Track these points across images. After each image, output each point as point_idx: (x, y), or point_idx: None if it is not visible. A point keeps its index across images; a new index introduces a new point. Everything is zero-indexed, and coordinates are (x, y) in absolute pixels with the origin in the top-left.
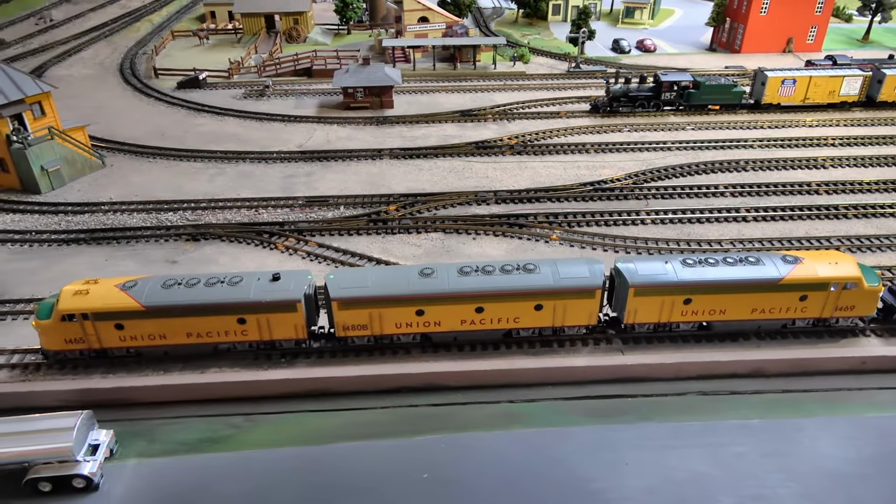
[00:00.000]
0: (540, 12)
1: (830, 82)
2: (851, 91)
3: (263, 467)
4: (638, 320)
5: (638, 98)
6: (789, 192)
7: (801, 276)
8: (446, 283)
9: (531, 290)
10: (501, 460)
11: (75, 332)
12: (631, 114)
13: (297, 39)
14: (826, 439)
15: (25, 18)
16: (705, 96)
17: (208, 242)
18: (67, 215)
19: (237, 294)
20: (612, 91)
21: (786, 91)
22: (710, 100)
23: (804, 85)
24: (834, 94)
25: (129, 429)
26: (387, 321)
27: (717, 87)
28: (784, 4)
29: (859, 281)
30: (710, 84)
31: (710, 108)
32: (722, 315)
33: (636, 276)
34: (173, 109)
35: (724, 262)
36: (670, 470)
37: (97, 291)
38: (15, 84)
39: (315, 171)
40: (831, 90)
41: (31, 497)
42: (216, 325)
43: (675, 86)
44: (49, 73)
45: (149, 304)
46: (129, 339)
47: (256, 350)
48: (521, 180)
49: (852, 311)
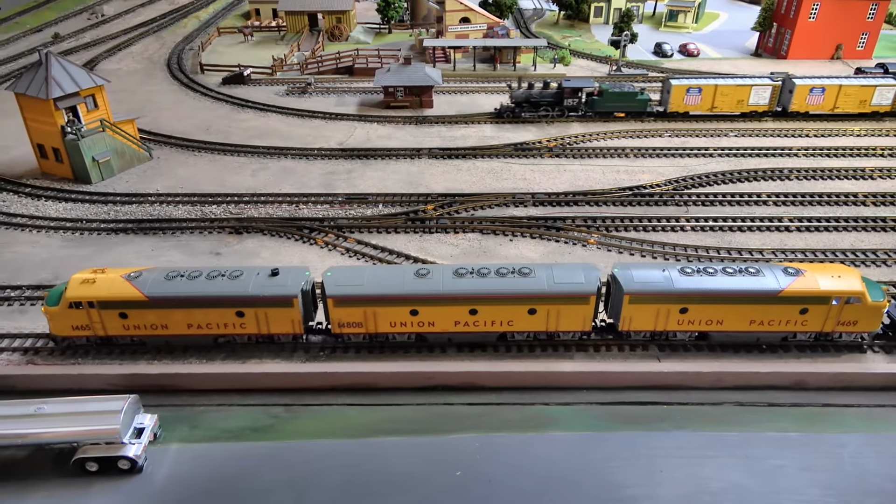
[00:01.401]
0: (581, 14)
1: (738, 91)
2: (760, 101)
3: (303, 458)
4: (633, 328)
5: (540, 103)
6: (834, 202)
7: (801, 288)
8: (440, 285)
9: (525, 294)
10: (534, 462)
11: (82, 319)
12: (538, 120)
13: (339, 38)
14: (869, 456)
15: (79, 13)
16: (609, 103)
17: (251, 236)
18: (116, 205)
19: (236, 288)
20: (515, 96)
21: (691, 100)
22: (614, 107)
23: (710, 93)
24: (742, 104)
25: (173, 414)
26: (381, 320)
27: (620, 95)
28: (834, 10)
29: (862, 296)
30: (613, 91)
31: (615, 116)
32: (719, 325)
33: (632, 284)
34: (218, 104)
35: (724, 272)
36: (706, 480)
37: (104, 281)
38: (71, 77)
39: (355, 168)
40: (739, 99)
41: (78, 476)
42: (215, 318)
43: (578, 92)
44: (100, 67)
45: (151, 294)
46: (132, 327)
47: (255, 344)
48: (560, 183)
49: (855, 327)
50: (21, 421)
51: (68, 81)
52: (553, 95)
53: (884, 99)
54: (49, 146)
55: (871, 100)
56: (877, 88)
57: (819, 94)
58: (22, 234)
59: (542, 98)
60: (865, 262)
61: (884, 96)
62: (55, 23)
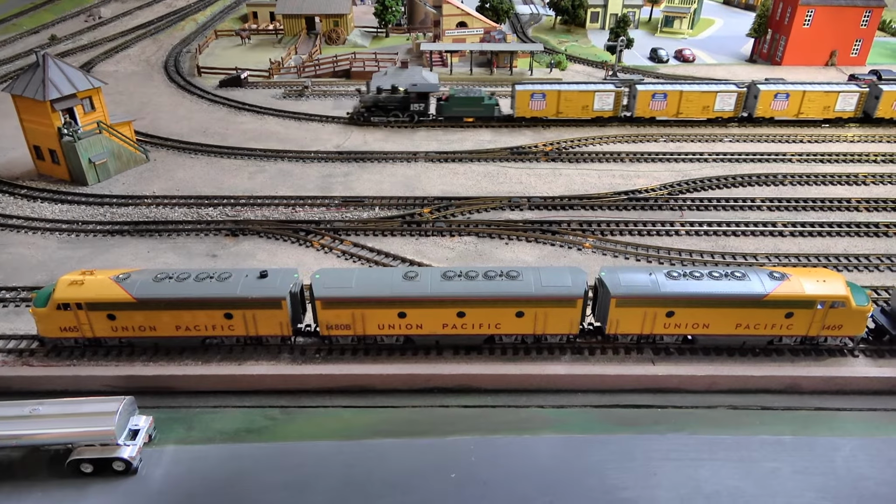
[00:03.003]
0: (578, 19)
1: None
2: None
3: (299, 459)
4: (620, 331)
5: (388, 108)
6: (828, 207)
7: (786, 292)
8: (428, 287)
9: (512, 297)
10: (530, 464)
11: (69, 320)
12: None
13: (336, 41)
14: (864, 460)
15: (76, 15)
16: (456, 108)
17: (247, 238)
18: (113, 207)
19: (224, 289)
20: (364, 100)
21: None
22: (461, 112)
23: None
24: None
25: (169, 415)
26: (369, 322)
27: (467, 100)
28: (828, 17)
29: (846, 300)
30: (459, 96)
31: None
32: (705, 329)
33: (618, 287)
34: (215, 107)
35: (710, 276)
36: (701, 482)
37: (92, 282)
38: (68, 79)
39: (352, 171)
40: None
41: (73, 478)
42: (203, 320)
43: (425, 97)
44: (97, 69)
45: (139, 296)
46: (120, 329)
47: (243, 345)
48: (555, 187)
49: (840, 331)
50: (16, 422)
51: (65, 83)
52: (400, 100)
53: (847, 105)
54: (46, 148)
55: (834, 106)
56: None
57: (783, 99)
58: (18, 235)
59: (389, 102)
60: (858, 267)
61: (847, 102)
62: (52, 25)
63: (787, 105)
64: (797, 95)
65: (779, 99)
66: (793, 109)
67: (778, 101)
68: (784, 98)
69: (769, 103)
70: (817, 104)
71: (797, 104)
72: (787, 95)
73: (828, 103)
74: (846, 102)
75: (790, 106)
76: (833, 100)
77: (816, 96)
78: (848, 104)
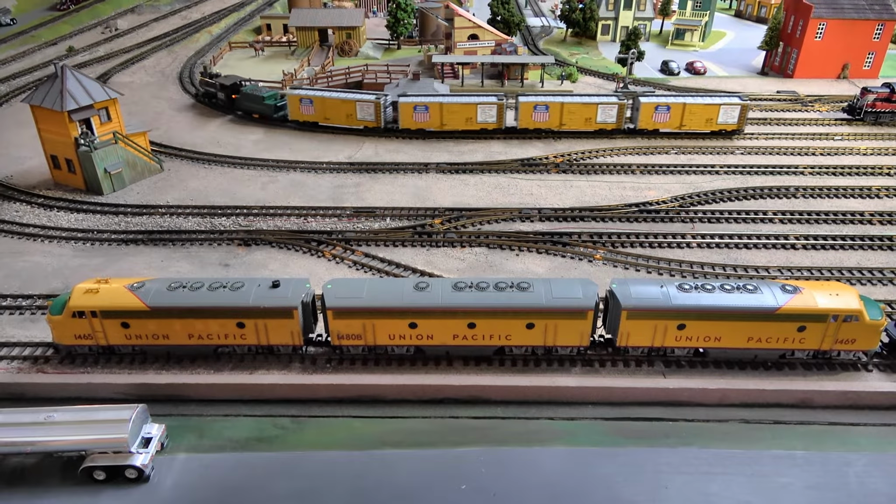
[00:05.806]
0: (589, 32)
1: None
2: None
3: (309, 469)
4: (630, 343)
5: (209, 94)
6: (841, 220)
7: (798, 306)
8: (439, 298)
9: (523, 309)
10: (540, 476)
11: (84, 328)
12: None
13: (349, 53)
14: (877, 476)
15: (93, 27)
16: (245, 103)
17: (259, 248)
18: (127, 216)
19: (237, 299)
20: (201, 84)
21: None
22: (248, 108)
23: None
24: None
25: (181, 423)
26: (380, 332)
27: (251, 97)
28: (841, 30)
29: (860, 314)
30: (246, 93)
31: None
32: (717, 342)
33: (629, 299)
34: (228, 118)
35: (721, 288)
36: (712, 497)
37: (106, 290)
38: (85, 90)
39: (363, 182)
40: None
41: (86, 484)
42: (216, 328)
43: (230, 90)
44: (113, 80)
45: (153, 304)
46: (134, 337)
47: (255, 354)
48: (566, 199)
49: (853, 345)
50: (31, 428)
51: (82, 94)
52: (215, 90)
53: (729, 117)
54: (62, 157)
55: (717, 118)
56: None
57: (665, 112)
58: (34, 243)
59: (208, 89)
60: (872, 281)
61: (729, 115)
62: (70, 36)
63: (668, 117)
64: (678, 108)
65: (660, 111)
66: (675, 122)
67: (659, 114)
68: (665, 110)
69: (651, 115)
70: (699, 116)
71: (679, 116)
72: (668, 108)
73: (710, 115)
74: (728, 115)
75: (672, 118)
76: (715, 112)
77: (698, 109)
78: (730, 117)
